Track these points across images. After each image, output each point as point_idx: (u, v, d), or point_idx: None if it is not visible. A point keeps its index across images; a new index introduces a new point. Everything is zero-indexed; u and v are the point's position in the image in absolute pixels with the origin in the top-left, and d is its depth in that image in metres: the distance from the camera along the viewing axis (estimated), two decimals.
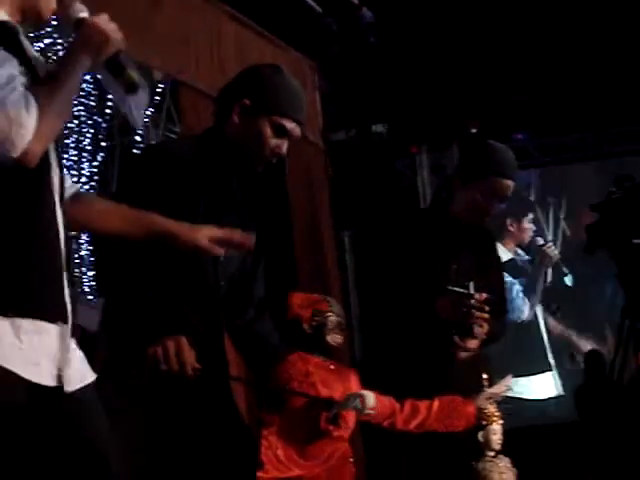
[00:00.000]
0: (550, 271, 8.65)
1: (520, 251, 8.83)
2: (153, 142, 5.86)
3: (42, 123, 1.93)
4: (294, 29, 5.82)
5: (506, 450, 3.71)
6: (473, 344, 3.71)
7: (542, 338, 8.79)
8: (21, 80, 1.95)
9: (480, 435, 3.68)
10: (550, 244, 8.51)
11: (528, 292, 8.62)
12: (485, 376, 3.68)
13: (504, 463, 3.70)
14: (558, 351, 8.84)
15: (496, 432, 3.69)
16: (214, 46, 4.99)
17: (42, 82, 2.01)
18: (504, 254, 8.83)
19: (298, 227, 5.58)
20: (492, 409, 3.68)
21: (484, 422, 3.68)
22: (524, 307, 8.64)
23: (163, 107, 6.01)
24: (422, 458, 3.66)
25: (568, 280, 8.53)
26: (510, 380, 3.69)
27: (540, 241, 8.58)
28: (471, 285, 3.68)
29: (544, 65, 7.76)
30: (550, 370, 8.65)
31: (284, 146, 3.02)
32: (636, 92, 8.05)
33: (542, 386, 8.68)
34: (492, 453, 3.69)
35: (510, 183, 3.78)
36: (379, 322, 3.97)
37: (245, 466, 2.97)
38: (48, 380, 2.06)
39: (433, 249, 3.79)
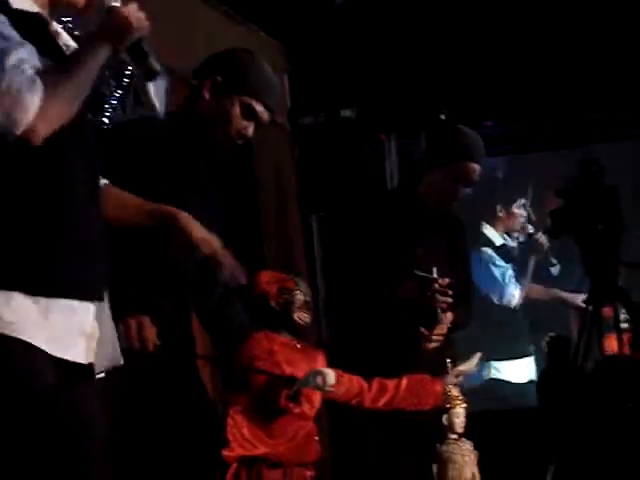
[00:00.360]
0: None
1: (509, 237, 8.88)
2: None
3: (48, 104, 2.00)
4: (263, 12, 5.80)
5: (478, 433, 3.75)
6: (441, 331, 3.73)
7: (526, 323, 8.89)
8: (33, 64, 2.03)
9: (444, 418, 3.72)
10: (540, 234, 8.57)
11: (519, 278, 8.68)
12: (448, 360, 3.71)
13: (467, 446, 3.74)
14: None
15: (459, 415, 3.72)
16: (183, 28, 4.97)
17: (56, 66, 2.08)
18: (496, 239, 8.91)
19: (265, 211, 5.58)
20: (455, 392, 3.72)
21: (448, 405, 3.71)
22: (515, 292, 8.72)
23: (130, 89, 5.96)
24: (387, 438, 3.69)
25: (555, 270, 8.58)
26: (477, 358, 3.71)
27: (531, 229, 8.64)
28: (434, 270, 3.71)
29: (513, 53, 7.79)
30: (531, 355, 8.73)
31: (251, 128, 3.03)
32: (604, 80, 8.10)
33: (525, 370, 8.75)
34: (455, 436, 3.73)
35: (477, 167, 3.82)
36: (346, 305, 4.00)
37: (210, 444, 2.99)
38: (81, 357, 2.13)
39: (400, 232, 3.82)
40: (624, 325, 5.04)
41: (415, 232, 3.84)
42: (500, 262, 8.55)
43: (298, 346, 3.44)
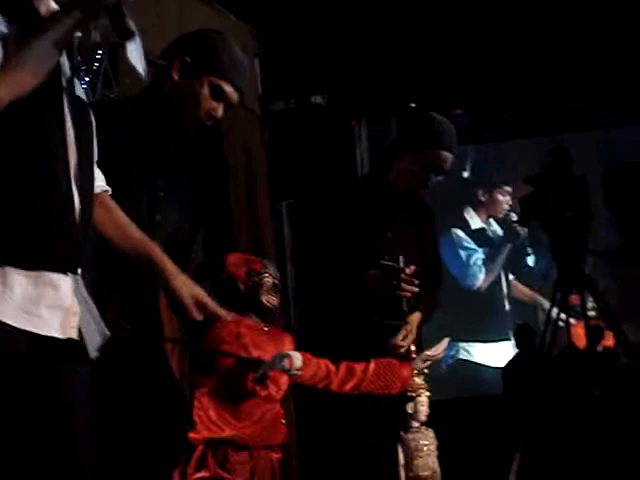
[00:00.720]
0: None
1: (494, 222, 8.92)
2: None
3: (7, 70, 1.98)
4: None
5: (445, 420, 3.76)
6: (410, 335, 3.73)
7: (503, 306, 8.93)
8: None
9: (409, 407, 3.71)
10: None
11: (488, 262, 8.73)
12: (413, 348, 3.72)
13: (430, 434, 3.76)
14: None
15: (424, 404, 3.73)
16: (154, 10, 4.93)
17: (22, 32, 2.05)
18: (474, 222, 8.96)
19: (235, 195, 5.55)
20: (419, 381, 3.72)
21: (413, 394, 3.72)
22: (479, 275, 8.77)
23: (100, 72, 5.93)
24: (352, 422, 3.70)
25: (530, 260, 8.64)
26: (446, 344, 3.72)
27: (514, 217, 8.70)
28: (401, 259, 3.70)
29: (484, 42, 7.81)
30: (509, 339, 8.76)
31: (220, 109, 3.01)
32: (572, 70, 8.15)
33: (501, 354, 8.79)
34: (418, 424, 3.74)
35: (449, 156, 3.79)
36: (314, 291, 3.99)
37: (177, 427, 2.98)
38: (57, 332, 2.09)
39: (369, 218, 3.80)
40: (591, 313, 5.08)
41: (384, 218, 3.83)
42: (469, 244, 8.63)
43: (265, 329, 3.43)
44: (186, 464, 3.19)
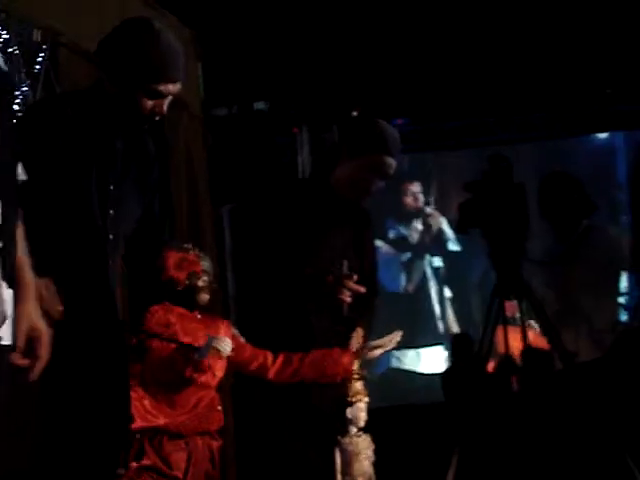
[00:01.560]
0: None
1: (405, 225, 8.99)
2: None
3: None
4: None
5: (381, 428, 3.78)
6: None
7: (432, 309, 8.98)
8: None
9: (348, 412, 3.74)
10: (431, 211, 8.72)
11: (411, 265, 8.79)
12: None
13: (368, 440, 3.79)
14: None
15: (363, 410, 3.76)
16: (95, 10, 4.90)
17: None
18: (392, 230, 9.01)
19: (177, 199, 5.52)
20: (359, 387, 3.74)
21: (353, 400, 3.74)
22: (414, 277, 8.86)
23: (41, 71, 5.86)
24: (289, 415, 3.70)
25: (453, 245, 8.73)
26: (398, 337, 3.73)
27: (428, 210, 8.78)
28: (345, 264, 3.72)
29: (425, 53, 7.87)
30: (442, 344, 8.78)
31: (163, 105, 3.01)
32: (514, 82, 8.25)
33: (432, 360, 8.81)
34: (356, 429, 3.76)
35: (394, 162, 3.82)
36: (254, 295, 3.98)
37: (120, 416, 2.98)
38: None
39: (308, 221, 3.81)
40: (528, 320, 5.14)
41: (324, 222, 3.84)
42: (392, 250, 8.71)
43: (198, 317, 3.48)
44: (127, 453, 3.20)
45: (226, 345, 3.31)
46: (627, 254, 5.50)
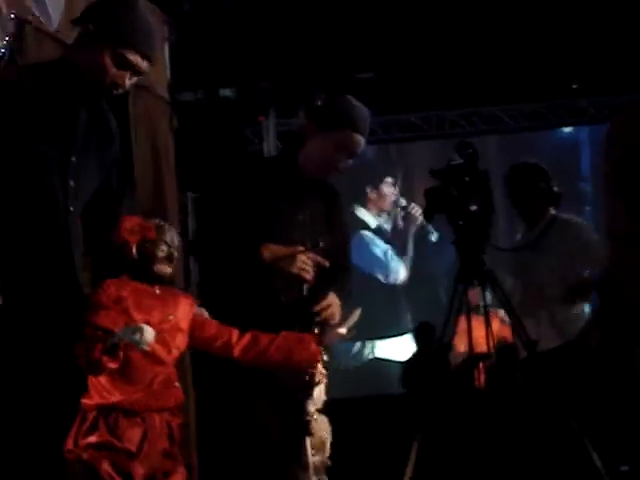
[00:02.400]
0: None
1: (383, 217, 9.00)
2: None
3: None
4: None
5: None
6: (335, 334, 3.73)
7: (400, 300, 9.03)
8: None
9: (315, 392, 3.73)
10: (413, 205, 8.71)
11: (401, 254, 8.80)
12: (316, 331, 3.72)
13: (325, 420, 3.79)
14: None
15: (322, 391, 3.75)
16: None
17: None
18: (371, 221, 8.99)
19: (141, 183, 5.47)
20: (319, 368, 3.73)
21: (318, 380, 3.73)
22: (400, 268, 8.83)
23: (6, 52, 5.80)
24: (252, 403, 3.68)
25: (433, 237, 8.74)
26: (357, 315, 3.72)
27: (403, 202, 8.77)
28: (308, 240, 3.71)
29: (391, 44, 7.88)
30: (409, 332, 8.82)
31: (126, 78, 2.99)
32: (480, 75, 8.28)
33: (404, 348, 8.84)
34: (314, 410, 3.76)
35: (362, 140, 3.83)
36: (217, 276, 3.94)
37: (69, 392, 2.95)
38: None
39: (278, 199, 3.80)
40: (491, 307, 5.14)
41: (294, 200, 3.83)
42: (380, 242, 8.68)
43: (157, 292, 3.37)
44: (79, 429, 3.16)
45: (145, 337, 3.18)
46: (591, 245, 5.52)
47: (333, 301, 3.80)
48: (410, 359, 8.18)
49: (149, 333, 3.12)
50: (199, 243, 4.07)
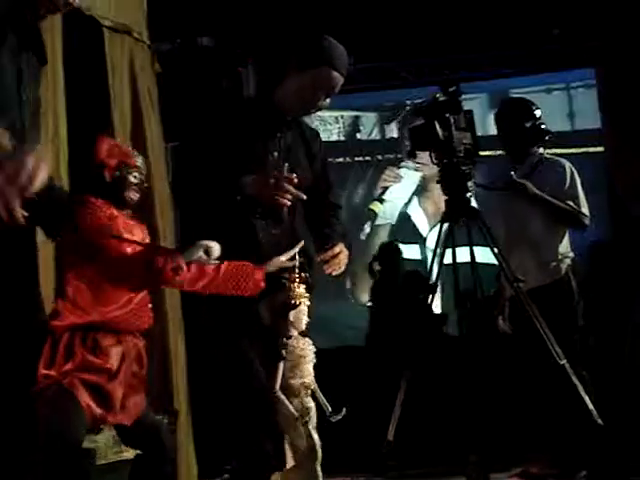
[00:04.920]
0: None
1: None
2: None
3: None
4: None
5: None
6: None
7: None
8: None
9: (291, 315, 3.73)
10: None
11: None
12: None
13: (309, 342, 3.79)
14: None
15: (304, 313, 3.75)
16: None
17: None
18: None
19: (121, 127, 5.39)
20: (301, 290, 3.73)
21: (295, 302, 3.72)
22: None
23: None
24: (234, 333, 3.67)
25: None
26: (298, 248, 3.70)
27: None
28: (285, 167, 3.68)
29: None
30: None
31: None
32: (458, 22, 8.22)
33: None
34: (297, 332, 3.75)
35: (340, 78, 3.80)
36: (196, 215, 3.90)
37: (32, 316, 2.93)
38: None
39: (254, 136, 3.76)
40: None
41: (271, 136, 3.80)
42: None
43: (129, 214, 3.41)
44: (54, 353, 3.13)
45: (214, 251, 3.24)
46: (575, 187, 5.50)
47: (341, 250, 3.81)
48: (397, 304, 8.20)
49: (216, 249, 3.13)
50: (178, 186, 4.03)
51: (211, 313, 3.65)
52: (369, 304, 7.93)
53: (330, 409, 3.80)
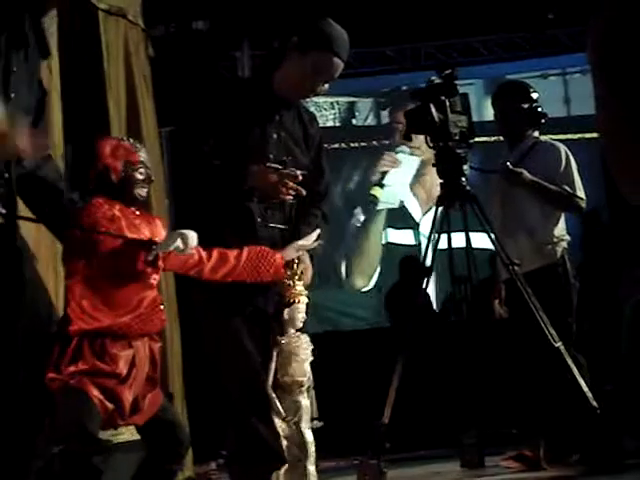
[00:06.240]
0: None
1: None
2: None
3: None
4: None
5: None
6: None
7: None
8: None
9: (285, 312, 3.72)
10: None
11: None
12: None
13: (305, 340, 3.77)
14: None
15: (300, 310, 3.73)
16: None
17: None
18: None
19: (116, 112, 5.37)
20: (299, 288, 3.71)
21: (291, 300, 3.71)
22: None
23: None
24: (231, 324, 3.66)
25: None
26: (316, 234, 3.70)
27: None
28: (287, 161, 3.67)
29: None
30: None
31: None
32: (454, 6, 8.21)
33: None
34: (293, 330, 3.74)
35: (340, 63, 3.78)
36: (193, 202, 3.89)
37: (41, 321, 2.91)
38: None
39: (252, 118, 3.75)
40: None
41: (269, 119, 3.78)
42: None
43: (137, 213, 3.34)
44: (61, 357, 3.10)
45: (191, 240, 3.18)
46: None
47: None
48: (391, 288, 8.22)
49: (193, 237, 3.11)
50: (175, 171, 4.01)
51: (201, 288, 3.63)
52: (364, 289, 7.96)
53: (317, 414, 3.79)
